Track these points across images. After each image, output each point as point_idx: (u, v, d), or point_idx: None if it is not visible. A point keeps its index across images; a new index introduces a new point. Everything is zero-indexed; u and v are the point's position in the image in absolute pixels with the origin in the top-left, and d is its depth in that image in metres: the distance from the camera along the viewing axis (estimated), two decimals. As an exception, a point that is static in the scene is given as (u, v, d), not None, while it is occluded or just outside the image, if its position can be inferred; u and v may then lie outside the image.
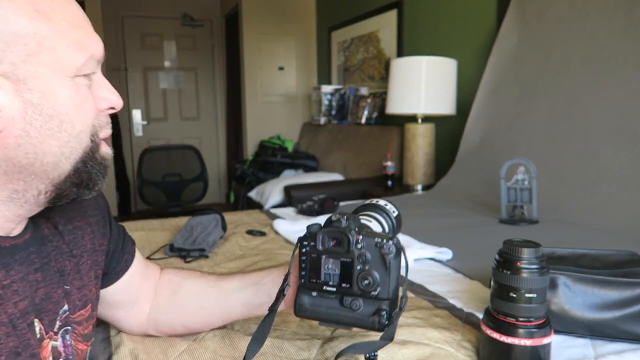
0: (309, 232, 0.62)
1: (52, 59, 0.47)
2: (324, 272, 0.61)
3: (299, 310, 0.63)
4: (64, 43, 0.48)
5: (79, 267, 0.60)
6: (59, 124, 0.48)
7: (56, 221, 0.59)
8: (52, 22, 0.47)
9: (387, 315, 0.59)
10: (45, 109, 0.47)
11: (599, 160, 1.59)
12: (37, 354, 0.50)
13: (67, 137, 0.49)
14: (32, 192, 0.50)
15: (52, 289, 0.55)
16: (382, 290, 0.59)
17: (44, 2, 0.46)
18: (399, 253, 0.59)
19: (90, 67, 0.54)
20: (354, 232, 0.60)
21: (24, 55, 0.45)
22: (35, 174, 0.48)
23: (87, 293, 0.61)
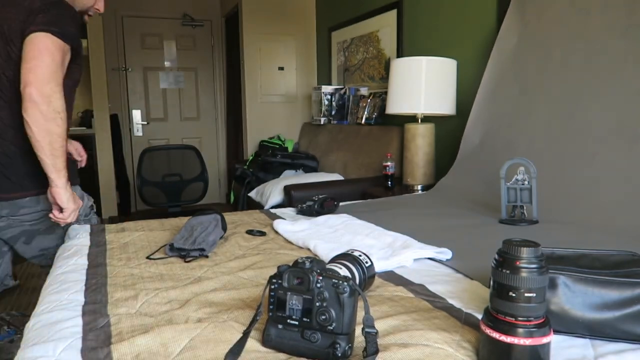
0: (279, 271, 0.71)
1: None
2: (288, 307, 0.70)
3: (266, 340, 0.72)
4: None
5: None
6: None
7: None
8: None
9: (341, 348, 0.67)
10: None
11: (599, 160, 1.59)
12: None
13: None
14: None
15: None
16: (337, 325, 0.67)
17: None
18: (352, 293, 0.68)
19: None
20: (315, 273, 0.69)
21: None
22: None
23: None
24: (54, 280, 1.05)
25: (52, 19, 1.33)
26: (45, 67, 1.28)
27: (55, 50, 1.31)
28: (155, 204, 3.75)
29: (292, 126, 4.41)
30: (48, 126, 1.30)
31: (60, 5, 1.39)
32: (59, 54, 1.32)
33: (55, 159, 1.33)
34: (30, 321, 0.85)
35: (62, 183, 1.36)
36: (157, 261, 1.17)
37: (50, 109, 1.29)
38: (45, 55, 1.29)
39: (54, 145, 1.32)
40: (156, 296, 0.93)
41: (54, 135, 1.31)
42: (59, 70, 1.32)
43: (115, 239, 1.37)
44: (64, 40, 1.34)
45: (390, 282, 1.00)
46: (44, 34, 1.30)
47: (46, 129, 1.30)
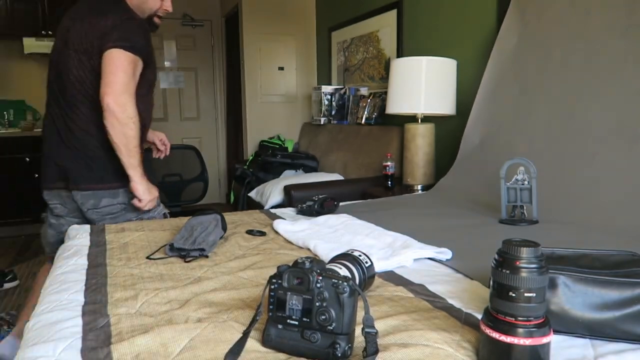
0: (279, 271, 0.71)
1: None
2: (288, 307, 0.70)
3: (266, 340, 0.72)
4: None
5: None
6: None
7: None
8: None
9: (340, 348, 0.67)
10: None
11: (599, 160, 1.59)
12: None
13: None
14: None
15: None
16: (337, 325, 0.67)
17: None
18: (352, 293, 0.68)
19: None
20: (315, 273, 0.69)
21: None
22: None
23: None
24: (54, 280, 1.05)
25: (123, 34, 1.55)
26: (119, 81, 1.51)
27: (127, 64, 1.54)
28: (155, 204, 3.75)
29: (292, 126, 4.41)
30: (123, 130, 1.53)
31: (130, 21, 1.60)
32: (131, 67, 1.54)
33: (130, 158, 1.57)
34: (30, 321, 0.85)
35: (138, 178, 1.60)
36: (157, 261, 1.17)
37: (124, 115, 1.52)
38: (120, 70, 1.52)
39: (128, 146, 1.55)
40: (156, 296, 0.93)
41: (129, 137, 1.55)
42: (131, 82, 1.54)
43: (115, 239, 1.37)
44: (134, 52, 1.55)
45: (390, 282, 1.00)
46: (117, 49, 1.53)
47: (122, 132, 1.53)
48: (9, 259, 3.55)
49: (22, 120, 4.42)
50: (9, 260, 3.51)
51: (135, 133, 1.56)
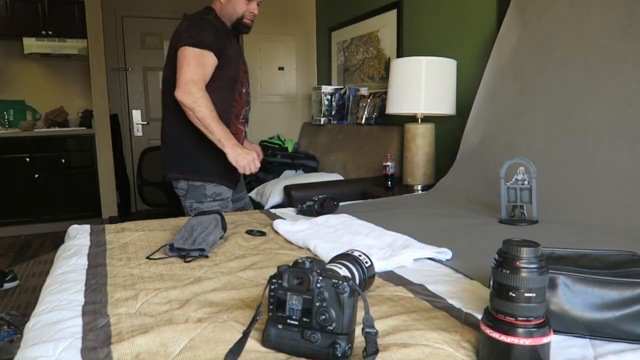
0: (279, 271, 0.71)
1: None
2: (288, 307, 0.70)
3: (266, 340, 0.72)
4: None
5: None
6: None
7: None
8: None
9: (340, 348, 0.67)
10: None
11: (599, 160, 1.59)
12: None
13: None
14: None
15: None
16: (337, 325, 0.67)
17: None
18: (352, 293, 0.68)
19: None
20: (315, 273, 0.69)
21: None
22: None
23: None
24: (54, 281, 1.05)
25: (191, 33, 1.75)
26: (184, 72, 1.70)
27: (192, 57, 1.71)
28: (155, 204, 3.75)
29: (292, 126, 4.41)
30: (195, 114, 1.70)
31: (200, 22, 1.78)
32: (195, 60, 1.72)
33: (211, 135, 1.73)
34: (30, 321, 0.85)
35: (226, 148, 1.74)
36: (157, 261, 1.17)
37: (190, 101, 1.69)
38: (185, 64, 1.71)
39: (206, 126, 1.71)
40: (156, 296, 0.93)
41: (202, 118, 1.70)
42: (196, 71, 1.71)
43: (115, 239, 1.37)
44: (200, 47, 1.72)
45: (390, 282, 1.00)
46: (184, 47, 1.73)
47: (195, 117, 1.70)
48: (9, 259, 3.55)
49: (22, 120, 4.42)
50: (9, 260, 3.51)
51: (206, 112, 1.70)
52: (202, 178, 1.88)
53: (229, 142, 1.74)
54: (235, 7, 1.85)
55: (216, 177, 1.89)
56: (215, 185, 1.89)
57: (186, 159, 1.88)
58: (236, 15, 1.86)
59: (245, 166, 1.77)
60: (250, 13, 1.88)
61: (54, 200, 4.27)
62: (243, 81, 1.90)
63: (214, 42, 1.76)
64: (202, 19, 1.80)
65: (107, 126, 4.47)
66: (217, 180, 1.89)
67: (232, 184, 1.94)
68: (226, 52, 1.81)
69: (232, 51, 1.83)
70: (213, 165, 1.87)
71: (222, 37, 1.80)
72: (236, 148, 1.75)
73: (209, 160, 1.86)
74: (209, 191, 1.89)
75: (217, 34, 1.79)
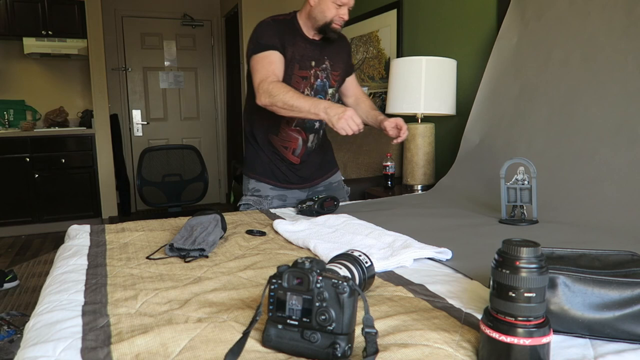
0: (279, 271, 0.71)
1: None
2: (288, 307, 0.70)
3: (266, 340, 0.72)
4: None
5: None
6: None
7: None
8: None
9: (340, 348, 0.67)
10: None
11: (599, 160, 1.59)
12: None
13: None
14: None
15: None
16: (337, 325, 0.67)
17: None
18: (352, 293, 0.68)
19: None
20: (315, 273, 0.69)
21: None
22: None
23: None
24: (54, 281, 1.05)
25: (251, 42, 1.79)
26: (254, 80, 1.73)
27: (256, 63, 1.74)
28: (155, 204, 3.75)
29: (292, 126, 4.41)
30: (277, 104, 1.65)
31: (257, 27, 1.82)
32: (258, 64, 1.73)
33: (300, 112, 1.64)
34: (30, 321, 0.85)
35: (321, 115, 1.61)
36: (157, 261, 1.17)
37: (265, 96, 1.67)
38: (253, 72, 1.75)
39: (289, 108, 1.64)
40: (156, 296, 0.93)
41: (282, 104, 1.64)
42: (262, 71, 1.71)
43: (115, 239, 1.37)
44: (257, 52, 1.74)
45: (390, 282, 1.00)
46: (250, 58, 1.77)
47: (277, 107, 1.65)
48: (9, 259, 3.55)
49: (22, 120, 4.43)
50: (9, 260, 3.51)
51: (283, 97, 1.63)
52: (248, 174, 2.00)
53: (317, 109, 1.60)
54: (325, 12, 1.78)
55: (257, 174, 1.96)
56: (256, 182, 1.97)
57: (245, 157, 2.03)
58: (325, 20, 1.79)
59: (344, 127, 1.59)
60: (339, 18, 1.81)
61: (54, 200, 4.28)
62: (298, 87, 1.82)
63: (273, 39, 1.75)
64: (259, 24, 1.81)
65: (107, 126, 4.47)
66: (257, 177, 1.97)
67: (278, 182, 1.97)
68: (285, 52, 1.78)
69: (290, 53, 1.79)
70: (256, 163, 1.96)
71: (281, 34, 1.78)
72: (330, 110, 1.59)
73: (255, 159, 1.96)
74: (250, 185, 1.98)
75: (277, 31, 1.78)
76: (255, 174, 1.98)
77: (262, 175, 1.97)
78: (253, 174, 1.98)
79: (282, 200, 1.98)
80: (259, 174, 1.97)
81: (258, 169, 1.97)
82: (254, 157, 1.97)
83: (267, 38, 1.75)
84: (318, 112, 1.60)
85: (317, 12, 1.79)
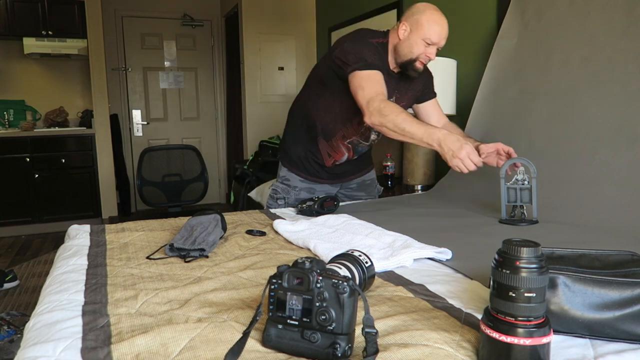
0: (279, 271, 0.71)
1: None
2: (288, 307, 0.70)
3: (266, 340, 0.72)
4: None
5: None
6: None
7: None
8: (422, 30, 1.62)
9: (340, 348, 0.67)
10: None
11: (599, 160, 1.59)
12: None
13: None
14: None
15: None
16: (337, 325, 0.67)
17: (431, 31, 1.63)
18: (352, 293, 0.68)
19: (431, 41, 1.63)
20: (315, 273, 0.69)
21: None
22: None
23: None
24: (54, 281, 1.05)
25: (348, 57, 1.68)
26: (360, 98, 1.61)
27: (362, 79, 1.63)
28: (155, 204, 3.75)
29: (292, 126, 4.41)
30: (387, 125, 1.54)
31: (355, 42, 1.71)
32: (365, 81, 1.63)
33: (412, 139, 1.52)
34: (30, 321, 0.85)
35: (435, 147, 1.49)
36: (157, 261, 1.17)
37: (376, 116, 1.55)
38: (358, 90, 1.63)
39: (400, 132, 1.52)
40: (156, 296, 0.93)
41: (393, 127, 1.53)
42: (370, 89, 1.61)
43: (115, 239, 1.37)
44: (361, 69, 1.63)
45: (390, 282, 1.00)
46: (352, 73, 1.65)
47: (388, 128, 1.54)
48: (9, 259, 3.55)
49: (22, 120, 4.43)
50: (9, 260, 3.52)
51: (394, 118, 1.51)
52: (281, 160, 2.01)
53: (432, 139, 1.47)
54: (412, 48, 1.67)
55: (289, 164, 1.97)
56: (287, 170, 1.97)
57: (283, 140, 2.03)
58: (410, 56, 1.68)
59: (459, 166, 1.45)
60: (426, 57, 1.68)
61: (54, 200, 4.28)
62: (350, 111, 1.78)
63: (378, 63, 1.66)
64: (359, 37, 1.72)
65: (107, 126, 4.47)
66: (289, 167, 1.97)
67: (309, 175, 1.96)
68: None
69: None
70: (291, 152, 1.97)
71: (382, 62, 1.71)
72: (445, 144, 1.45)
73: (291, 148, 1.96)
74: (282, 173, 2.00)
75: (379, 57, 1.70)
76: (288, 163, 1.98)
77: (293, 166, 1.96)
78: (286, 162, 1.98)
79: (311, 193, 1.97)
80: (291, 164, 1.97)
81: (292, 159, 1.96)
82: (292, 147, 1.96)
83: (372, 58, 1.65)
84: (432, 143, 1.47)
85: (404, 47, 1.68)
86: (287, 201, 1.96)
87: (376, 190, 2.18)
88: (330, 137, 1.86)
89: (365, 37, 1.72)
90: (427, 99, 1.93)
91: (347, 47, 1.68)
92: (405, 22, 1.68)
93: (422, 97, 1.92)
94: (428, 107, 1.94)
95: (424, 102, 1.93)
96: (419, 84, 1.86)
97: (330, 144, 1.87)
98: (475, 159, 1.44)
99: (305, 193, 1.96)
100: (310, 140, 1.89)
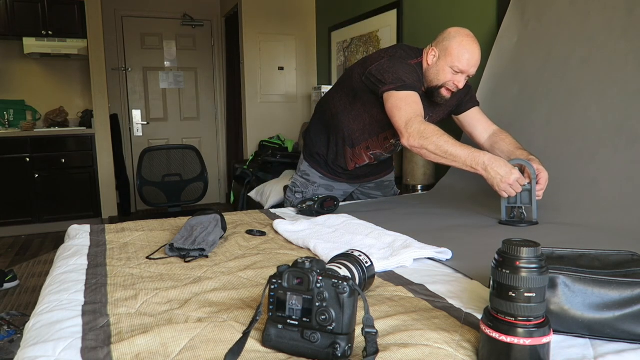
0: (279, 271, 0.71)
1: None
2: (288, 307, 0.70)
3: (266, 340, 0.72)
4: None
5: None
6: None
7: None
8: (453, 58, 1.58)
9: (340, 348, 0.67)
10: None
11: (599, 160, 1.59)
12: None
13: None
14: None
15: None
16: (337, 325, 0.67)
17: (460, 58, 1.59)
18: (352, 293, 0.68)
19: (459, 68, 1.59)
20: (315, 273, 0.69)
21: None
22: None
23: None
24: (54, 281, 1.05)
25: (385, 75, 1.65)
26: (398, 119, 1.58)
27: (399, 100, 1.61)
28: (155, 204, 3.75)
29: (292, 126, 4.41)
30: (429, 148, 1.51)
31: (394, 59, 1.69)
32: (402, 102, 1.60)
33: (455, 162, 1.49)
34: (30, 321, 0.85)
35: (480, 172, 1.46)
36: (157, 261, 1.17)
37: (416, 139, 1.52)
38: (395, 111, 1.60)
39: (443, 154, 1.50)
40: (156, 296, 0.93)
41: (435, 149, 1.50)
42: (408, 110, 1.58)
43: (115, 239, 1.37)
44: (399, 90, 1.61)
45: (390, 282, 1.00)
46: (387, 93, 1.63)
47: (429, 151, 1.52)
48: (9, 259, 3.55)
49: (22, 120, 4.42)
50: (9, 260, 3.51)
51: (436, 140, 1.49)
52: (304, 153, 2.02)
53: (476, 162, 1.44)
54: (439, 74, 1.63)
55: (311, 160, 1.98)
56: (308, 165, 1.98)
57: (307, 134, 2.02)
58: (437, 82, 1.65)
59: (508, 191, 1.46)
60: (453, 85, 1.64)
61: (54, 200, 4.27)
62: (375, 128, 1.78)
63: (417, 84, 1.63)
64: (396, 55, 1.68)
65: (107, 126, 4.47)
66: (310, 162, 1.98)
67: (328, 173, 1.97)
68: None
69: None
70: (314, 149, 1.96)
71: (420, 84, 1.67)
72: (491, 168, 1.43)
73: (316, 144, 1.95)
74: (302, 167, 2.01)
75: (418, 78, 1.66)
76: (310, 158, 1.98)
77: (315, 162, 1.97)
78: (308, 157, 1.99)
79: (329, 190, 1.97)
80: (313, 160, 1.97)
81: (314, 155, 1.96)
82: (316, 143, 1.95)
83: (411, 79, 1.61)
84: (477, 167, 1.44)
85: (432, 73, 1.66)
86: (304, 196, 1.97)
87: (393, 191, 2.18)
88: (354, 145, 1.85)
89: (404, 58, 1.67)
90: (467, 108, 1.83)
91: (385, 64, 1.63)
92: (435, 48, 1.64)
93: (459, 108, 1.84)
94: (470, 117, 1.84)
95: (464, 112, 1.84)
96: (454, 100, 1.79)
97: (353, 150, 1.86)
98: (522, 182, 1.45)
99: (324, 190, 1.97)
100: (335, 142, 1.89)
